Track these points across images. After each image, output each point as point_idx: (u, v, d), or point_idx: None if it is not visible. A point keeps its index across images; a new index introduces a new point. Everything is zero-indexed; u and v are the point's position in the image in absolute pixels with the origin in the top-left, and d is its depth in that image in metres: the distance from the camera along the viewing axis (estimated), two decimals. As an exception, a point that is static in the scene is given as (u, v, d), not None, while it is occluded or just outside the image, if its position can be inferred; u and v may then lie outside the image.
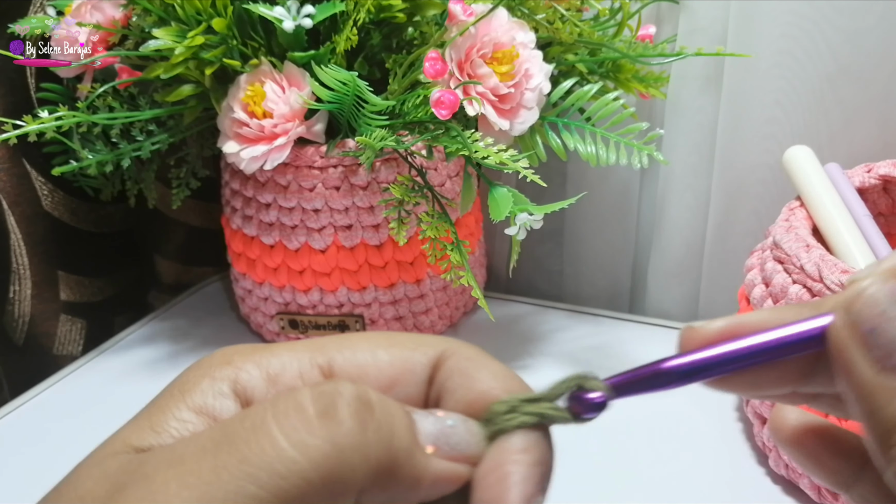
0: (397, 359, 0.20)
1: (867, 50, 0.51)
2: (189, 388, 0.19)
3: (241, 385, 0.19)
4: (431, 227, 0.47)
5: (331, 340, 0.20)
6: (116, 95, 0.51)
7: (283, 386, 0.19)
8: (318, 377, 0.19)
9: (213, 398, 0.18)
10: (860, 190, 0.47)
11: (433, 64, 0.44)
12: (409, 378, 0.20)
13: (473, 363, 0.20)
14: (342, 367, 0.19)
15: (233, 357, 0.19)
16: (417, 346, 0.20)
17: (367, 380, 0.19)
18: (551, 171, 0.63)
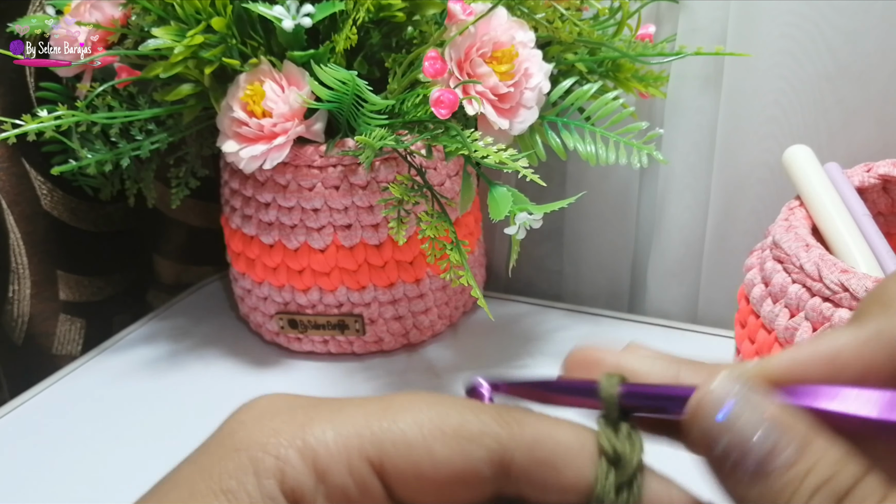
0: (455, 454, 0.18)
1: (867, 50, 0.51)
2: (233, 489, 0.17)
3: (288, 485, 0.17)
4: (431, 227, 0.47)
5: (377, 421, 0.18)
6: (116, 95, 0.51)
7: (333, 485, 0.17)
8: (370, 475, 0.18)
9: (262, 502, 0.17)
10: (860, 189, 0.47)
11: (432, 63, 0.44)
12: (471, 478, 0.18)
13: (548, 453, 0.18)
14: (396, 467, 0.18)
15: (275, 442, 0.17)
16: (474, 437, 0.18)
17: (425, 481, 0.18)
18: (551, 171, 0.63)
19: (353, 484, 0.18)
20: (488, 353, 0.57)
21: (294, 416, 0.18)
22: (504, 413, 0.18)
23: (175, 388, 0.55)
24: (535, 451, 0.18)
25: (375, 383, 0.54)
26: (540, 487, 0.18)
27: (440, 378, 0.55)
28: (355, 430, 0.18)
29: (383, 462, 0.18)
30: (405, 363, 0.56)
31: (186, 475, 0.18)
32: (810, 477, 0.16)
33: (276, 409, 0.18)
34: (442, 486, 0.18)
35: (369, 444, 0.18)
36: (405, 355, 0.57)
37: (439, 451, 0.18)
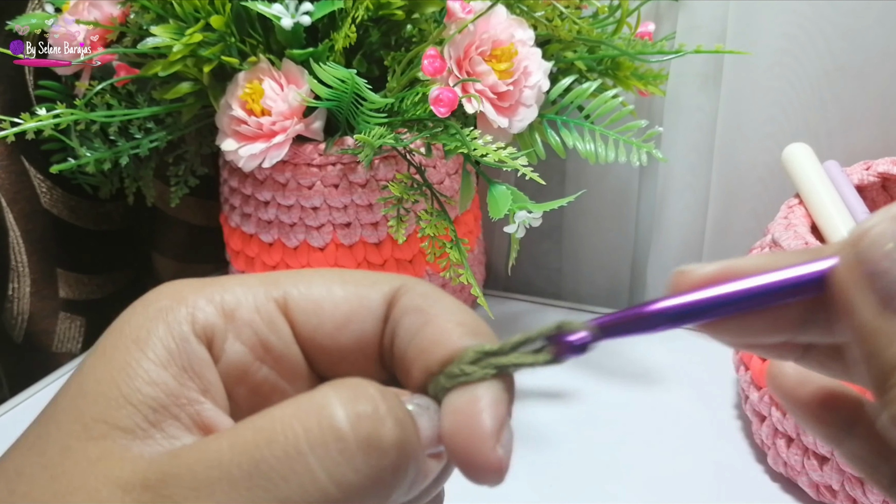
0: (352, 295, 0.19)
1: (866, 48, 0.51)
2: (145, 338, 0.17)
3: (199, 325, 0.18)
4: (430, 225, 0.47)
5: (284, 275, 0.20)
6: (114, 93, 0.51)
7: (241, 321, 0.19)
8: (275, 312, 0.19)
9: (176, 344, 0.17)
10: (859, 187, 0.47)
11: (432, 61, 0.44)
12: (365, 315, 0.19)
13: (428, 300, 0.19)
14: (297, 302, 0.19)
15: (183, 293, 0.18)
16: (373, 283, 0.20)
17: (323, 315, 0.19)
18: (550, 169, 0.63)
19: (261, 320, 0.19)
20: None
21: (203, 281, 0.19)
22: (405, 276, 0.20)
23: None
24: (419, 300, 0.19)
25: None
26: (408, 331, 0.19)
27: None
28: (260, 280, 0.19)
29: (287, 301, 0.19)
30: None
31: (102, 339, 0.18)
32: None
33: (183, 282, 0.19)
34: (339, 321, 0.19)
35: (273, 286, 0.19)
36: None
37: (338, 291, 0.19)
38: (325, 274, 0.20)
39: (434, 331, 0.19)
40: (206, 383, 0.18)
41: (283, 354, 0.19)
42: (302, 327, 0.19)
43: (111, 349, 0.18)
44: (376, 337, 0.20)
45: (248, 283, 0.19)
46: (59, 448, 0.16)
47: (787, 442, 0.41)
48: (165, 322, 0.18)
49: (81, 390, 0.17)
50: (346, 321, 0.19)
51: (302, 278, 0.20)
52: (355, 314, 0.19)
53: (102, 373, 0.17)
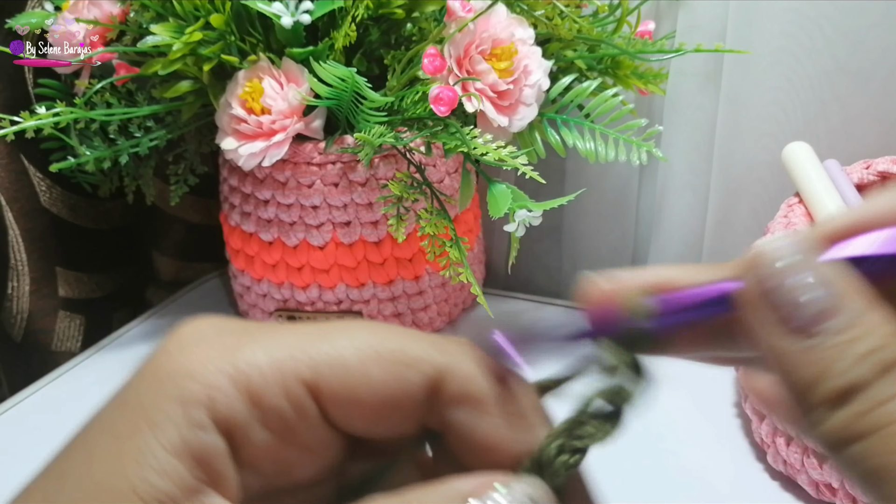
0: (391, 378, 0.17)
1: (866, 47, 0.51)
2: (159, 421, 0.16)
3: (220, 413, 0.16)
4: (430, 224, 0.47)
5: (314, 342, 0.18)
6: (114, 91, 0.51)
7: (268, 408, 0.17)
8: (305, 397, 0.17)
9: (190, 432, 0.16)
10: (859, 186, 0.47)
11: (432, 60, 0.44)
12: (405, 404, 0.18)
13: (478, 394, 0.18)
14: (332, 389, 0.17)
15: (202, 367, 0.17)
16: (412, 362, 0.18)
17: (360, 404, 0.17)
18: (550, 168, 0.63)
19: (290, 407, 0.17)
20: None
21: (224, 341, 0.17)
22: (445, 342, 0.18)
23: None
24: (468, 384, 0.18)
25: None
26: (464, 424, 0.18)
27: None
28: (290, 352, 0.17)
29: (319, 384, 0.17)
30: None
31: (112, 413, 0.17)
32: (859, 343, 0.15)
33: (203, 335, 0.17)
34: (376, 409, 0.17)
35: (304, 366, 0.17)
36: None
37: (376, 373, 0.17)
38: (360, 346, 0.18)
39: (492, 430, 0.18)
40: (218, 476, 0.16)
41: (309, 436, 0.18)
42: (334, 414, 0.18)
43: (120, 424, 0.16)
44: (414, 421, 0.18)
45: (275, 354, 0.17)
46: None
47: (787, 440, 0.41)
48: (182, 405, 0.16)
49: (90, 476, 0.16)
50: (385, 411, 0.18)
51: (334, 353, 0.17)
52: (395, 402, 0.18)
53: (111, 448, 0.16)
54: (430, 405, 0.18)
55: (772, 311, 0.16)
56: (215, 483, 0.16)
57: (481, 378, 0.18)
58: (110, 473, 0.16)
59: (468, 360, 0.18)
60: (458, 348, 0.18)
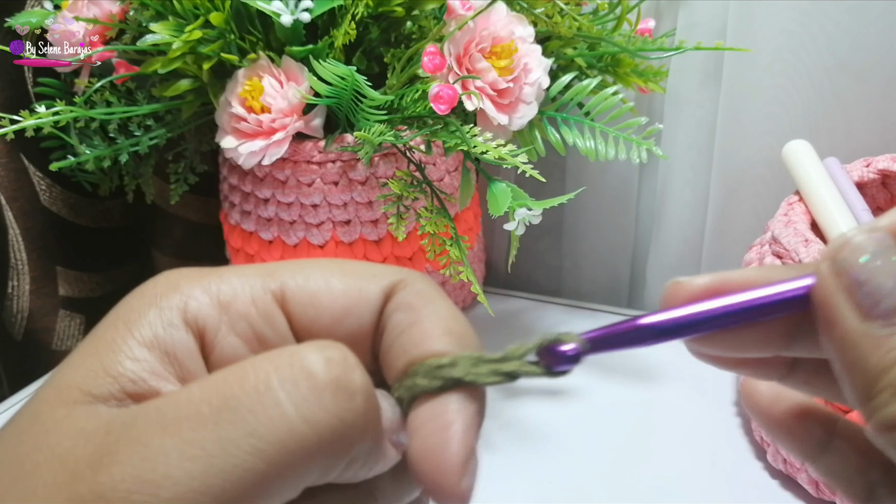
0: (351, 287, 0.19)
1: (866, 45, 0.51)
2: (135, 320, 0.18)
3: (191, 314, 0.18)
4: (430, 223, 0.47)
5: (282, 266, 0.20)
6: (114, 90, 0.51)
7: (237, 313, 0.18)
8: (272, 304, 0.19)
9: (163, 329, 0.17)
10: (859, 184, 0.47)
11: (432, 58, 0.44)
12: (363, 308, 0.19)
13: (423, 299, 0.19)
14: (295, 294, 0.19)
15: (179, 282, 0.18)
16: (372, 276, 0.19)
17: (321, 307, 0.19)
18: (550, 166, 0.63)
19: (257, 313, 0.19)
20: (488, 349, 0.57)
21: (201, 271, 0.19)
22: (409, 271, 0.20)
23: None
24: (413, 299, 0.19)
25: (375, 379, 0.54)
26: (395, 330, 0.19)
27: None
28: (257, 271, 0.19)
29: (284, 293, 0.19)
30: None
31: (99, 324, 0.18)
32: None
33: (181, 272, 0.19)
34: (336, 315, 0.19)
35: (270, 278, 0.19)
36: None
37: (336, 284, 0.19)
38: (325, 265, 0.20)
39: (419, 332, 0.19)
40: (186, 372, 0.18)
41: (278, 346, 0.19)
42: (299, 320, 0.19)
43: (101, 329, 0.18)
44: (371, 329, 0.20)
45: (246, 274, 0.19)
46: (29, 413, 0.17)
47: (787, 439, 0.41)
48: (157, 307, 0.18)
49: (65, 363, 0.17)
50: (344, 314, 0.19)
51: (300, 270, 0.19)
52: (353, 307, 0.19)
53: (88, 347, 0.17)
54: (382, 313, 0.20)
55: (851, 296, 0.16)
56: (182, 380, 0.17)
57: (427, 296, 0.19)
58: (84, 357, 0.17)
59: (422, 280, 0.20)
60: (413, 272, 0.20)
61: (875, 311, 0.16)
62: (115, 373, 0.17)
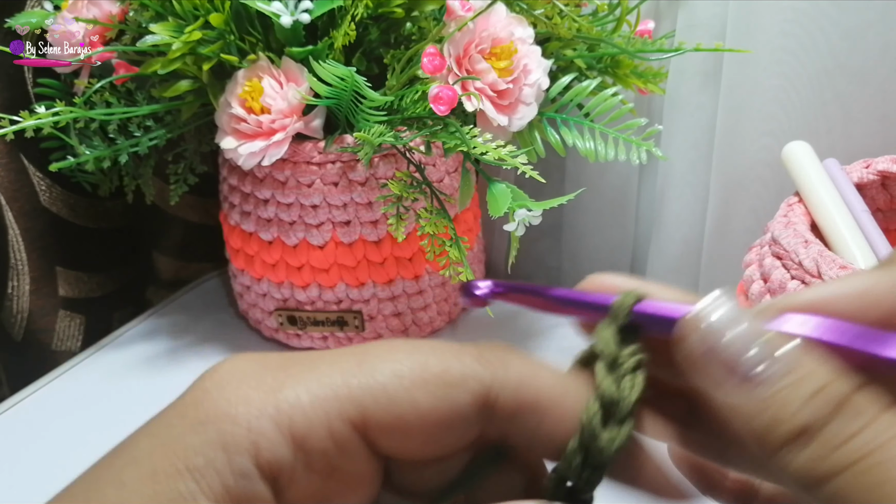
0: (439, 401, 0.17)
1: (866, 46, 0.51)
2: (200, 467, 0.15)
3: (264, 459, 0.16)
4: (430, 224, 0.47)
5: (354, 376, 0.17)
6: (114, 91, 0.51)
7: (313, 451, 0.16)
8: (351, 435, 0.16)
9: (233, 480, 0.15)
10: (859, 186, 0.47)
11: (431, 59, 0.44)
12: (456, 423, 0.17)
13: (526, 390, 0.17)
14: (380, 423, 0.17)
15: (244, 411, 0.16)
16: (457, 382, 0.17)
17: (410, 431, 0.17)
18: (550, 167, 0.63)
19: (335, 447, 0.16)
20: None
21: (263, 380, 0.17)
22: (487, 354, 0.18)
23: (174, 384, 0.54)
24: (520, 393, 0.17)
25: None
26: (525, 431, 0.18)
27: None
28: (332, 390, 0.16)
29: (365, 420, 0.17)
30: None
31: (146, 450, 0.16)
32: (804, 384, 0.15)
33: (243, 374, 0.17)
34: (427, 434, 0.17)
35: (348, 402, 0.16)
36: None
37: (423, 400, 0.17)
38: (402, 372, 0.17)
39: (555, 427, 0.18)
40: None
41: (354, 470, 0.17)
42: (384, 445, 0.17)
43: (161, 471, 0.15)
44: (469, 437, 0.18)
45: (318, 393, 0.16)
46: None
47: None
48: (225, 451, 0.15)
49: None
50: (436, 434, 0.17)
51: (378, 385, 0.17)
52: (445, 424, 0.17)
53: (139, 486, 0.15)
54: (484, 420, 0.17)
55: (717, 366, 0.16)
56: None
57: (530, 381, 0.18)
58: None
59: (513, 366, 0.18)
60: (500, 356, 0.18)
61: (739, 374, 0.16)
62: None
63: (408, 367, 0.17)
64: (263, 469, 0.16)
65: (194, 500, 0.15)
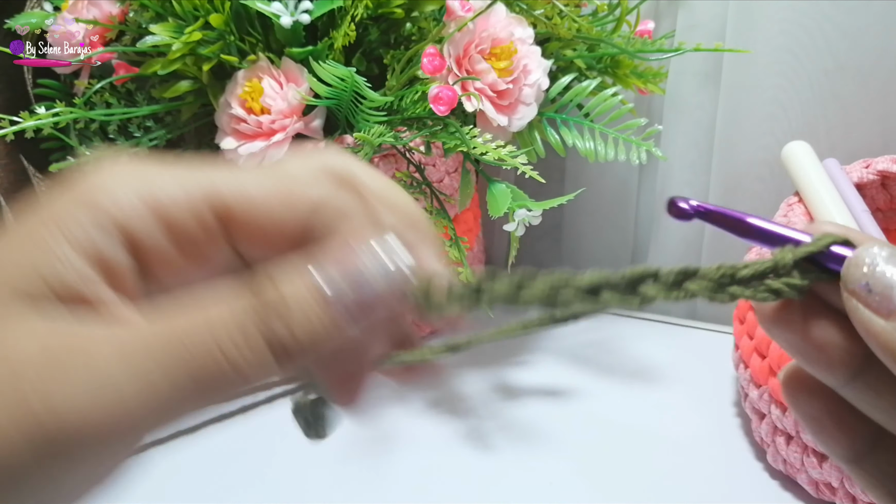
0: (283, 207, 0.20)
1: (865, 46, 0.51)
2: (68, 222, 0.17)
3: (128, 229, 0.18)
4: (430, 224, 0.47)
5: (220, 173, 0.20)
6: (114, 91, 0.51)
7: (171, 221, 0.18)
8: (213, 223, 0.19)
9: (96, 234, 0.17)
10: (858, 186, 0.47)
11: (431, 60, 0.44)
12: (291, 227, 0.20)
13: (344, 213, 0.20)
14: (232, 202, 0.19)
15: (112, 182, 0.18)
16: (299, 194, 0.20)
17: (257, 228, 0.19)
18: (550, 168, 0.63)
19: (198, 229, 0.19)
20: (487, 350, 0.57)
21: (138, 167, 0.19)
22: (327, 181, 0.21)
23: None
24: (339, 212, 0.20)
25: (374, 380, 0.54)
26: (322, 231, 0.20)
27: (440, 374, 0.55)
28: (199, 180, 0.19)
29: (228, 211, 0.19)
30: (404, 360, 0.57)
31: (25, 218, 0.18)
32: None
33: (119, 163, 0.19)
34: (269, 233, 0.20)
35: (210, 185, 0.19)
36: (404, 352, 0.57)
37: (272, 202, 0.20)
38: (265, 183, 0.20)
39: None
40: (118, 279, 0.18)
41: (210, 253, 0.20)
42: (235, 234, 0.20)
43: (31, 226, 0.17)
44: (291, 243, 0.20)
45: (187, 180, 0.19)
46: None
47: (787, 439, 0.41)
48: (89, 209, 0.18)
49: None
50: (276, 234, 0.20)
51: (237, 181, 0.20)
52: (284, 228, 0.20)
53: (18, 247, 0.17)
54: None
55: (867, 304, 0.18)
56: (115, 286, 0.18)
57: (350, 209, 0.20)
58: (14, 254, 0.17)
59: (342, 195, 0.20)
60: (335, 186, 0.21)
61: (888, 308, 0.18)
62: (50, 278, 0.17)
63: (271, 181, 0.20)
64: (122, 227, 0.18)
65: (58, 246, 0.17)
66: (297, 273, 0.17)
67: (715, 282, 0.20)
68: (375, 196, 0.20)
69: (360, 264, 0.18)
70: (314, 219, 0.20)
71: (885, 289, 0.18)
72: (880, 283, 0.18)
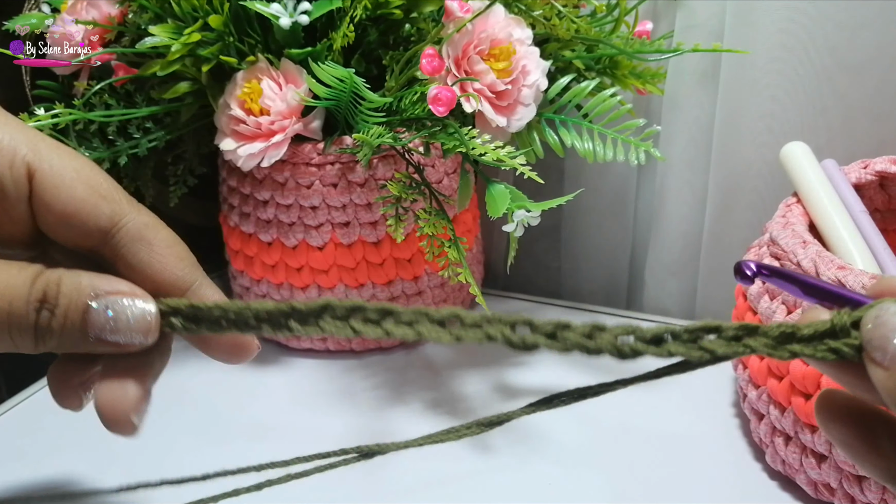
0: (90, 207, 0.24)
1: (864, 46, 0.51)
2: None
3: None
4: (429, 224, 0.47)
5: (46, 143, 0.23)
6: (113, 93, 0.51)
7: None
8: (24, 180, 0.23)
9: None
10: (857, 186, 0.47)
11: (430, 60, 0.44)
12: (91, 222, 0.24)
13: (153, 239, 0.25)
14: (46, 177, 0.23)
15: None
16: (110, 200, 0.24)
17: (60, 211, 0.23)
18: (549, 168, 0.64)
19: (11, 180, 0.22)
20: (487, 351, 0.57)
21: None
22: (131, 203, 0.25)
23: (174, 384, 0.55)
24: (146, 231, 0.26)
25: (374, 380, 0.54)
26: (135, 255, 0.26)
27: (439, 375, 0.55)
28: (23, 135, 0.23)
29: (38, 171, 0.23)
30: (404, 360, 0.57)
31: None
32: None
33: None
34: (70, 220, 0.24)
35: (33, 152, 0.23)
36: (403, 353, 0.57)
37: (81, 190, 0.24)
38: (81, 166, 0.24)
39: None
40: None
41: (13, 209, 0.23)
42: (38, 205, 0.23)
43: None
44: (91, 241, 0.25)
45: (14, 133, 0.23)
46: None
47: (786, 440, 0.41)
48: None
49: None
50: (75, 222, 0.24)
51: (59, 157, 0.23)
52: (85, 218, 0.24)
53: None
54: (106, 237, 0.24)
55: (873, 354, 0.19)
56: None
57: (157, 230, 0.25)
58: None
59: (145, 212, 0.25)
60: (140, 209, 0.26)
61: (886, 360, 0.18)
62: None
63: (86, 164, 0.24)
64: None
65: None
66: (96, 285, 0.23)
67: (774, 339, 0.20)
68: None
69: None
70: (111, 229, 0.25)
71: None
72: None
